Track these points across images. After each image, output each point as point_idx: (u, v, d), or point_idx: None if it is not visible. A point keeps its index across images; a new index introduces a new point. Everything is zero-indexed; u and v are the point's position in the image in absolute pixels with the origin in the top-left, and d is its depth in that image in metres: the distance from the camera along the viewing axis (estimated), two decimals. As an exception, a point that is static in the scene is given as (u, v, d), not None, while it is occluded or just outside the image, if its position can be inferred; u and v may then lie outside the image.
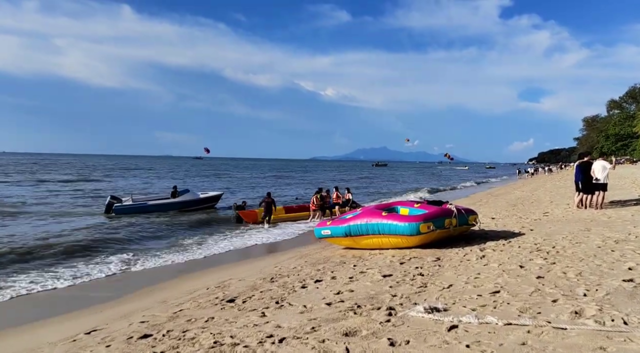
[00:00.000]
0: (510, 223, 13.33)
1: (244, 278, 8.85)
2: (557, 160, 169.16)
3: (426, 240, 9.99)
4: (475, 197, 29.27)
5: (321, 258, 10.36)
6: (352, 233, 10.68)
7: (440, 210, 10.38)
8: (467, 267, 7.74)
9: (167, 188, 28.99)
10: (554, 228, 11.47)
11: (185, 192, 24.86)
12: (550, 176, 60.07)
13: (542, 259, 7.72)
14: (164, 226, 18.70)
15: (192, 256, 12.99)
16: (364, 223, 10.47)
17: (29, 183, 41.03)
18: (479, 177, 74.58)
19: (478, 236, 11.17)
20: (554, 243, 9.24)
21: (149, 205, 23.13)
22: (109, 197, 23.48)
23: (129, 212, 22.07)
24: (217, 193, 25.94)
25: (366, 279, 7.45)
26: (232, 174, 72.17)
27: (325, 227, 11.22)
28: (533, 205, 18.81)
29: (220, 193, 26.01)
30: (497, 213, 16.50)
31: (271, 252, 13.45)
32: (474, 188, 45.07)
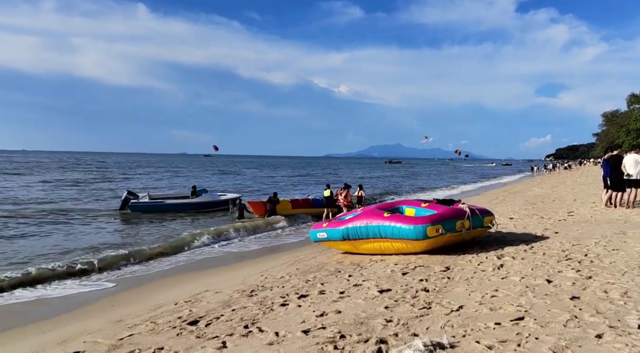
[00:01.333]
0: (531, 224, 11.93)
1: (221, 290, 7.63)
2: (575, 157, 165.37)
3: (434, 245, 8.68)
4: (490, 195, 27.76)
5: (315, 266, 9.11)
6: (350, 236, 9.40)
7: (451, 211, 9.05)
8: (481, 280, 6.42)
9: (172, 184, 28.18)
10: (582, 230, 10.07)
11: (202, 192, 23.90)
12: (569, 173, 58.01)
13: (573, 271, 6.37)
14: (161, 224, 17.55)
15: (180, 259, 11.81)
16: (363, 225, 9.19)
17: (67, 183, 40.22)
18: (494, 174, 72.68)
19: (495, 240, 9.82)
20: (585, 249, 7.87)
21: (166, 204, 22.33)
22: (126, 193, 22.83)
23: (145, 210, 21.35)
24: (236, 196, 25.07)
25: (359, 295, 6.17)
26: (245, 172, 71.15)
27: (321, 230, 9.96)
28: (555, 204, 17.32)
29: (238, 196, 25.13)
30: (516, 213, 15.08)
31: (265, 255, 12.22)
32: (489, 185, 43.37)
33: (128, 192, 22.90)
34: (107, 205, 24.39)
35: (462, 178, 61.20)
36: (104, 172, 59.29)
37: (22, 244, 13.52)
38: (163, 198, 23.29)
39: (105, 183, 41.72)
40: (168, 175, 57.29)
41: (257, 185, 40.51)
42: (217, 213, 21.14)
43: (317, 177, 55.90)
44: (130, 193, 22.84)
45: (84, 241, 14.08)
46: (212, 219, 19.26)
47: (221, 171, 68.65)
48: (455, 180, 56.04)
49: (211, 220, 19.18)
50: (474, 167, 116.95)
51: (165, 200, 22.89)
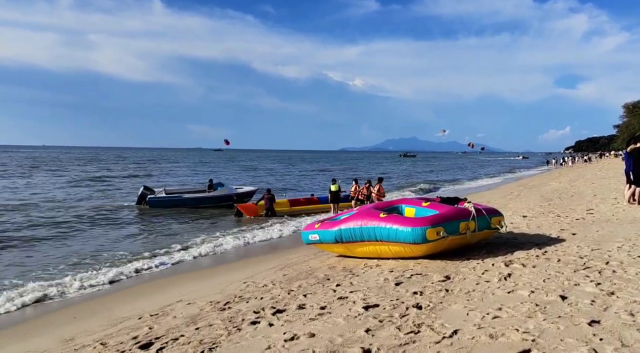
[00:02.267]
0: (545, 223, 10.94)
1: (195, 301, 6.88)
2: (595, 149, 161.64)
3: (435, 250, 7.80)
4: (505, 189, 26.62)
5: (304, 272, 8.30)
6: (343, 239, 8.57)
7: (454, 211, 8.15)
8: (484, 294, 5.53)
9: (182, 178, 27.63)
10: (603, 232, 9.08)
11: (218, 186, 23.38)
12: (588, 166, 56.25)
13: (592, 284, 5.45)
14: (153, 223, 16.89)
15: (164, 262, 11.08)
16: (357, 227, 8.34)
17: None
18: (512, 167, 71.05)
19: (504, 242, 8.90)
20: (606, 256, 6.91)
21: (183, 199, 22.00)
22: (142, 188, 22.69)
23: (162, 205, 21.16)
24: (252, 189, 24.49)
25: (342, 311, 5.35)
26: (267, 168, 70.42)
27: (313, 231, 9.14)
28: (573, 200, 16.24)
29: (254, 189, 24.53)
30: (530, 210, 14.06)
31: (257, 257, 11.40)
32: (505, 179, 42.03)
33: (144, 187, 22.70)
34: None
35: (478, 172, 59.80)
36: (143, 168, 58.81)
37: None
38: (180, 193, 22.92)
39: (148, 179, 41.20)
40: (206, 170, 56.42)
41: (278, 182, 39.64)
42: (215, 212, 20.38)
43: (335, 172, 54.84)
44: (146, 188, 22.64)
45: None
46: (209, 219, 18.45)
47: (245, 167, 67.98)
48: (472, 173, 54.71)
49: (208, 219, 18.39)
50: (494, 160, 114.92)
51: (182, 194, 22.54)
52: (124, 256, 11.45)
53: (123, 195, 26.84)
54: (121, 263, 10.59)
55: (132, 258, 11.15)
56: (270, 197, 19.06)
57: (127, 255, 11.52)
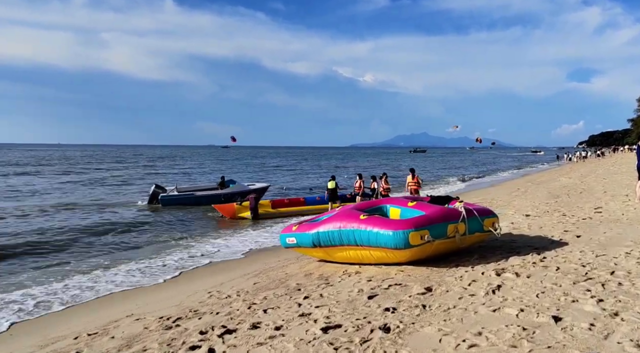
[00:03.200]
0: (549, 224, 10.06)
1: (144, 316, 6.14)
2: (609, 144, 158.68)
3: (420, 255, 7.00)
4: (511, 185, 25.60)
5: (277, 279, 7.53)
6: (322, 243, 7.78)
7: (442, 212, 7.31)
8: (465, 312, 4.72)
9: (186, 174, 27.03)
10: (610, 234, 8.20)
11: (230, 183, 22.82)
12: (601, 160, 54.79)
13: (594, 301, 4.61)
14: (139, 225, 16.18)
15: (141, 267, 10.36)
16: (336, 229, 7.55)
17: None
18: (521, 163, 69.68)
19: (501, 245, 8.06)
20: (612, 264, 6.06)
21: (196, 196, 21.48)
22: (154, 186, 22.17)
23: (175, 203, 20.74)
24: (265, 185, 23.79)
25: (296, 334, 4.57)
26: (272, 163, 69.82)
27: (290, 234, 8.35)
28: (582, 197, 15.28)
29: (267, 185, 23.84)
30: (534, 208, 13.16)
31: (235, 260, 10.61)
32: (513, 175, 40.88)
33: (156, 186, 22.21)
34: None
35: (487, 167, 58.57)
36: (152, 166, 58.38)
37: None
38: (192, 190, 22.42)
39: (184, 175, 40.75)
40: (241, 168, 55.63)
41: (283, 178, 38.89)
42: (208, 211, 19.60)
43: (345, 168, 53.81)
44: (158, 186, 22.14)
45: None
46: (201, 220, 17.66)
47: (250, 164, 67.39)
48: (482, 168, 53.51)
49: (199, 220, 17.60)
50: (506, 155, 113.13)
51: (194, 192, 22.04)
52: (100, 263, 10.72)
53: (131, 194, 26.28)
54: (89, 270, 9.86)
55: (108, 265, 10.42)
56: (255, 197, 18.13)
57: (105, 262, 10.79)
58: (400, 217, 7.98)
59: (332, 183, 18.61)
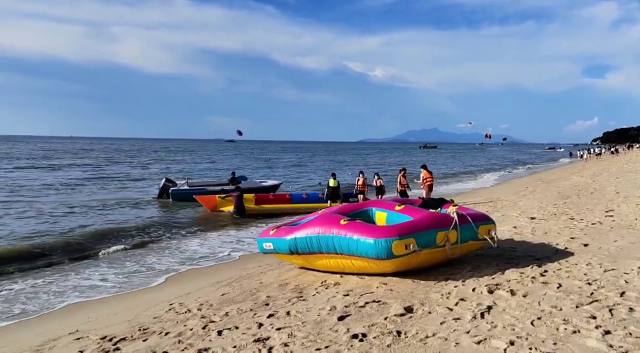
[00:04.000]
0: (554, 229, 9.24)
1: (88, 334, 5.45)
2: (623, 140, 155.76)
3: (405, 266, 6.24)
4: (520, 183, 24.65)
5: (249, 290, 6.81)
6: (299, 250, 7.05)
7: (431, 218, 6.54)
8: (445, 342, 3.98)
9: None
10: (622, 242, 7.38)
11: (242, 178, 22.25)
12: (615, 158, 53.36)
13: (599, 333, 3.85)
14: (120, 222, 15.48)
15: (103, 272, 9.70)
16: (315, 235, 6.81)
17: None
18: (533, 159, 68.29)
19: (498, 253, 7.28)
20: (622, 281, 5.27)
21: (208, 192, 20.64)
22: (164, 180, 21.59)
23: (186, 198, 19.79)
24: (276, 183, 23.17)
25: (243, 366, 3.85)
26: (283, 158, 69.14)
27: (267, 238, 7.62)
28: (592, 198, 14.39)
29: (279, 183, 23.21)
30: (541, 210, 12.31)
31: (212, 265, 9.88)
32: (522, 172, 39.77)
33: (166, 179, 21.65)
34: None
35: (499, 163, 57.36)
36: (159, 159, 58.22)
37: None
38: (203, 185, 21.70)
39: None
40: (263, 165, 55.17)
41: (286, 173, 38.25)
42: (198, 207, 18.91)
43: (351, 164, 52.94)
44: (168, 180, 21.55)
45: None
46: (201, 217, 16.95)
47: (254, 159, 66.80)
48: (491, 165, 52.37)
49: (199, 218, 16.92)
50: (518, 151, 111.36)
51: (205, 187, 21.29)
52: (73, 268, 10.09)
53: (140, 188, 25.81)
54: (58, 276, 9.22)
55: (82, 268, 9.79)
56: (239, 194, 17.35)
57: (80, 265, 10.17)
58: (386, 222, 7.23)
59: (333, 181, 17.79)
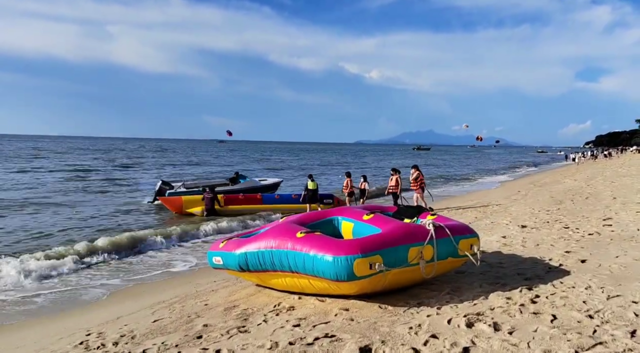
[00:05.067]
0: (547, 240, 8.26)
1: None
2: (616, 144, 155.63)
3: (370, 289, 5.25)
4: (511, 187, 23.76)
5: (186, 315, 5.76)
6: (250, 267, 6.03)
7: (401, 231, 5.51)
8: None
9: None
10: (624, 259, 6.40)
11: (241, 178, 21.50)
12: (608, 161, 52.69)
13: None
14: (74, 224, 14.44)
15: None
16: (267, 250, 5.78)
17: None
18: (523, 163, 67.64)
19: (483, 271, 6.30)
20: (631, 315, 4.27)
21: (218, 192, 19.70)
22: (160, 183, 20.38)
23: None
24: (277, 181, 22.17)
25: None
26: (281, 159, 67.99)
27: (216, 252, 6.59)
28: (588, 203, 13.46)
29: (279, 181, 22.23)
30: (533, 217, 11.36)
31: (161, 279, 8.83)
32: (514, 175, 38.90)
33: (162, 182, 20.59)
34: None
35: (495, 166, 56.55)
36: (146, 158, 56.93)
37: None
38: (200, 187, 20.71)
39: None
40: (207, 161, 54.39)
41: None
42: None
43: (345, 166, 51.89)
44: (164, 183, 20.48)
45: None
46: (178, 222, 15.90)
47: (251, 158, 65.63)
48: (484, 168, 51.53)
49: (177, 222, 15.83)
50: (517, 153, 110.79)
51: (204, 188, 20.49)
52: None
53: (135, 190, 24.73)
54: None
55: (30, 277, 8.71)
56: (210, 196, 16.48)
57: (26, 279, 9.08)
58: (353, 233, 6.23)
59: (312, 183, 16.83)
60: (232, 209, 16.55)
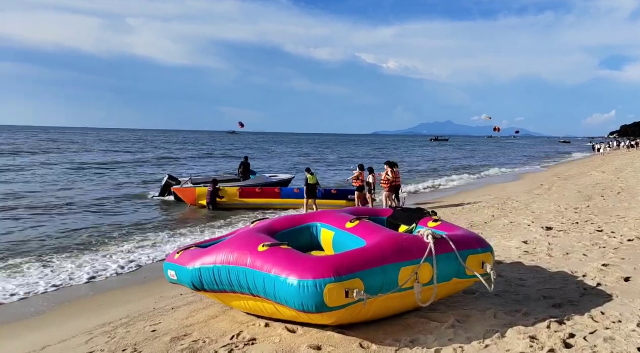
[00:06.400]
0: (578, 248, 6.90)
1: None
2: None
3: (349, 320, 4.07)
4: (533, 180, 22.17)
5: (123, 347, 4.61)
6: (204, 285, 4.85)
7: (392, 245, 4.24)
8: None
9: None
10: (682, 278, 5.05)
11: (251, 174, 20.39)
12: (636, 152, 50.31)
13: None
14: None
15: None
16: (224, 265, 4.59)
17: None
18: (548, 154, 65.32)
19: (499, 291, 5.02)
20: None
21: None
22: (167, 177, 19.58)
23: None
24: (289, 177, 21.18)
25: None
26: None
27: (172, 264, 5.41)
28: (621, 200, 11.99)
29: (291, 177, 21.28)
30: (560, 216, 9.98)
31: (119, 292, 7.66)
32: (536, 167, 37.02)
33: (169, 177, 19.75)
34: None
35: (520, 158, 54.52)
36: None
37: None
38: (208, 182, 19.88)
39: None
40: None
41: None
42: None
43: (361, 158, 50.38)
44: (171, 178, 19.68)
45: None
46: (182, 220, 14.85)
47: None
48: (505, 159, 49.60)
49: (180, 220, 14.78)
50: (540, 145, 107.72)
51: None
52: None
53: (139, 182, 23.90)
54: None
55: None
56: (213, 190, 15.61)
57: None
58: (333, 245, 5.00)
59: (312, 177, 15.65)
60: (247, 203, 15.97)
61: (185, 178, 19.87)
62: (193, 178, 19.71)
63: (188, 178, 19.74)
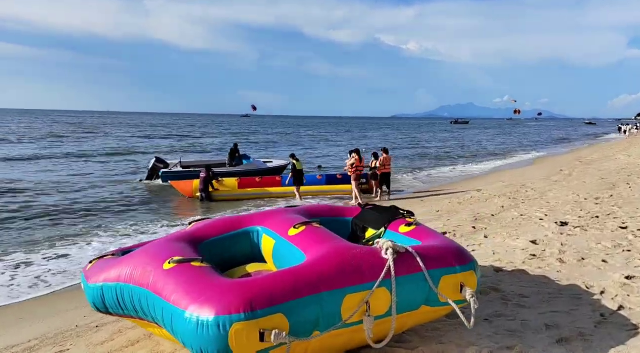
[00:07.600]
0: (596, 251, 5.69)
1: None
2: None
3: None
4: (553, 164, 20.67)
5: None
6: (108, 307, 3.82)
7: (339, 263, 3.11)
8: None
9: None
10: None
11: (243, 158, 19.54)
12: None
13: None
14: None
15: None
16: (127, 284, 3.55)
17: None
18: (571, 136, 62.92)
19: (491, 313, 3.88)
20: None
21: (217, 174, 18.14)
22: (154, 160, 18.85)
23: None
24: (284, 163, 20.27)
25: None
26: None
27: (83, 277, 4.39)
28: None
29: (286, 163, 20.41)
30: (577, 207, 8.73)
31: (57, 296, 6.74)
32: (556, 150, 35.18)
33: (157, 159, 18.99)
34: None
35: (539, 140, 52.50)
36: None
37: None
38: (199, 166, 18.73)
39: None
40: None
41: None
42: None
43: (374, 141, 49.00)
44: (159, 160, 18.89)
45: None
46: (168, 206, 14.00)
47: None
48: (522, 142, 47.67)
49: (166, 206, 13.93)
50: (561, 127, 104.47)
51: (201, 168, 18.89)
52: None
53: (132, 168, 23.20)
54: None
55: None
56: (206, 176, 14.58)
57: None
58: (272, 257, 3.90)
59: (299, 163, 14.66)
60: (247, 193, 15.10)
61: (174, 162, 19.03)
62: (182, 161, 18.87)
63: (177, 161, 18.87)
